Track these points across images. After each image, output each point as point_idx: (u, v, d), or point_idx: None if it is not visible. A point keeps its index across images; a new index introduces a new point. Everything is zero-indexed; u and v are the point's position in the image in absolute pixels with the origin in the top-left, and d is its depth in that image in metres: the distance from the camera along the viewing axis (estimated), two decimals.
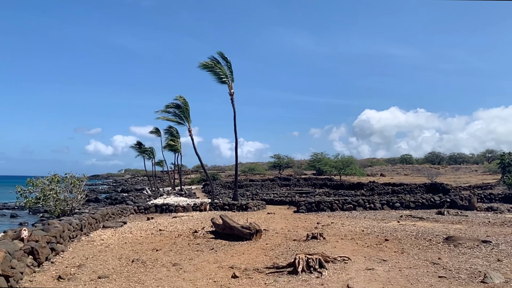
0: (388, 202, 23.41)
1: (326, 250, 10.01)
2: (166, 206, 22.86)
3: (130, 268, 8.68)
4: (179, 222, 16.87)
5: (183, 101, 30.14)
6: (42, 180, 17.20)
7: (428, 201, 23.49)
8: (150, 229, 14.89)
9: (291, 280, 7.37)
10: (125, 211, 20.85)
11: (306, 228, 14.77)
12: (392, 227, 14.54)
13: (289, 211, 22.88)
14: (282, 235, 13.04)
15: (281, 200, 28.91)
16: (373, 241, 11.59)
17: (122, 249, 11.16)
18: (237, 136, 27.37)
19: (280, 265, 8.38)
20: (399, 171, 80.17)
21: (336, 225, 15.61)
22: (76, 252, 10.49)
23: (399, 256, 9.42)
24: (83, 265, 8.89)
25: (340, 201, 22.98)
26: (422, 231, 13.20)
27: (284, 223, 16.78)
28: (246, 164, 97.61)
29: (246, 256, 9.83)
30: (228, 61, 26.68)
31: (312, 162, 77.37)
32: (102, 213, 16.90)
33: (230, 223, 12.86)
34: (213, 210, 22.62)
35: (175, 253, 10.50)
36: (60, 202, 17.17)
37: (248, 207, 22.98)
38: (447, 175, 65.25)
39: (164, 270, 8.51)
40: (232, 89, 26.89)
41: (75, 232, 12.36)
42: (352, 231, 13.68)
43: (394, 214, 19.91)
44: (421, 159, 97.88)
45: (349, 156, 66.43)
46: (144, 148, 57.10)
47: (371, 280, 7.26)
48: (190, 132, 29.71)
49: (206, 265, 8.92)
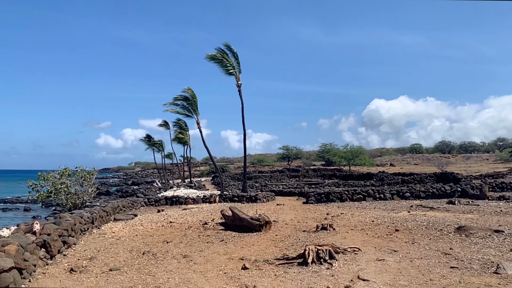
0: (398, 192, 23.24)
1: (336, 241, 9.98)
2: (176, 198, 22.99)
3: (141, 260, 8.75)
4: (189, 214, 16.95)
5: (191, 93, 30.10)
6: (53, 174, 17.36)
7: (439, 191, 23.27)
8: (160, 221, 14.98)
9: (301, 271, 7.36)
10: (136, 203, 21.01)
11: (315, 219, 14.74)
12: (403, 217, 14.44)
13: (298, 202, 22.87)
14: (292, 226, 13.04)
15: (290, 191, 28.90)
16: (384, 232, 11.52)
17: (133, 241, 11.25)
18: (245, 128, 27.31)
19: (290, 256, 8.37)
20: (409, 161, 79.69)
21: (346, 215, 15.56)
22: (87, 245, 10.60)
23: (410, 247, 9.35)
24: (95, 258, 8.98)
25: (349, 192, 22.87)
26: (433, 221, 13.08)
27: (294, 214, 16.77)
28: (254, 155, 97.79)
29: (256, 248, 9.84)
30: (235, 52, 26.53)
31: (321, 153, 77.20)
32: (113, 206, 17.05)
33: (239, 214, 12.88)
34: (222, 202, 22.69)
35: (186, 245, 10.55)
36: (71, 195, 17.33)
37: (257, 198, 23.01)
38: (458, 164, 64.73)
39: (175, 262, 8.56)
40: (239, 80, 26.76)
41: (86, 225, 12.48)
42: (362, 222, 13.62)
43: (404, 204, 19.77)
44: (431, 148, 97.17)
45: (359, 147, 66.01)
46: (153, 141, 57.38)
47: (382, 271, 7.21)
48: (198, 125, 29.72)
49: (216, 257, 8.96)
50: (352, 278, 6.80)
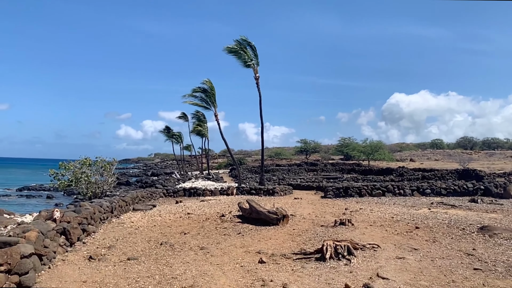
0: (418, 188, 22.82)
1: (354, 236, 9.82)
2: (194, 189, 23.12)
3: (159, 251, 8.79)
4: (207, 206, 17.01)
5: (210, 85, 30.16)
6: (73, 164, 17.67)
7: (461, 188, 22.75)
8: (178, 212, 15.08)
9: (319, 267, 7.26)
10: (155, 194, 21.22)
11: (333, 214, 14.58)
12: (423, 214, 14.15)
13: (316, 197, 22.70)
14: (309, 221, 12.92)
15: (308, 185, 28.72)
16: (403, 229, 11.29)
17: (151, 231, 11.33)
18: (263, 121, 27.27)
19: (307, 251, 8.27)
20: (429, 156, 78.09)
21: (364, 211, 15.35)
22: (106, 234, 10.73)
23: (430, 245, 9.12)
24: (113, 247, 9.08)
25: (368, 187, 22.56)
26: (454, 220, 12.76)
27: (311, 208, 16.63)
28: (272, 148, 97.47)
29: (273, 241, 9.78)
30: (253, 45, 26.41)
31: (340, 147, 76.39)
32: (132, 196, 17.25)
33: (256, 207, 12.83)
34: (239, 194, 22.72)
35: (203, 236, 10.57)
36: (92, 185, 17.62)
37: (274, 191, 22.94)
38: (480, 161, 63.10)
39: (192, 253, 8.57)
40: (257, 73, 26.64)
41: (105, 214, 12.65)
42: (381, 218, 13.39)
43: (424, 201, 19.40)
44: (452, 144, 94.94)
45: (378, 141, 64.92)
46: (172, 133, 57.93)
47: (402, 269, 7.04)
48: (216, 117, 29.80)
49: (233, 250, 8.93)
50: (371, 275, 6.66)
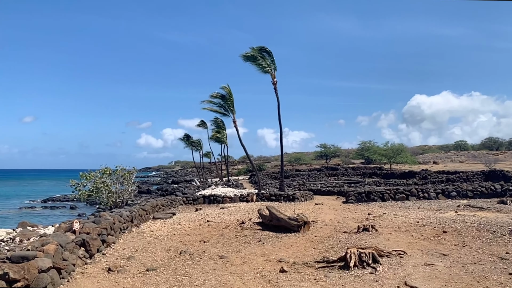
0: (443, 191, 22.12)
1: (379, 243, 9.47)
2: (213, 197, 23.02)
3: (178, 261, 8.65)
4: (227, 213, 16.85)
5: (228, 91, 30.19)
6: (94, 174, 17.80)
7: (488, 190, 21.97)
8: (198, 220, 14.96)
9: (343, 275, 6.97)
10: (174, 202, 21.22)
11: (356, 220, 14.20)
12: (450, 218, 13.62)
13: (337, 202, 22.27)
14: (331, 227, 12.59)
15: (329, 190, 28.27)
16: (430, 233, 10.85)
17: (171, 240, 11.23)
18: (282, 126, 27.11)
19: (330, 259, 7.99)
20: (453, 158, 76.20)
21: (388, 216, 14.90)
22: (126, 244, 10.67)
23: (460, 250, 8.70)
24: (133, 257, 8.99)
25: (391, 191, 22.00)
26: (484, 222, 12.20)
27: (333, 214, 16.27)
28: (291, 154, 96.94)
29: (294, 249, 9.52)
30: (269, 50, 26.32)
31: (360, 150, 75.47)
32: (152, 205, 17.26)
33: (277, 214, 12.59)
34: (259, 201, 22.49)
35: (222, 245, 10.39)
36: (112, 194, 17.70)
37: (295, 197, 22.63)
38: (507, 162, 61.20)
39: (211, 262, 8.40)
40: (275, 78, 26.51)
41: (125, 224, 12.63)
42: (406, 223, 12.95)
43: (450, 204, 18.76)
44: (477, 145, 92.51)
45: (400, 144, 63.86)
46: (192, 140, 58.30)
47: (431, 277, 6.68)
48: (235, 123, 29.76)
49: (253, 258, 8.72)
50: (398, 284, 6.34)
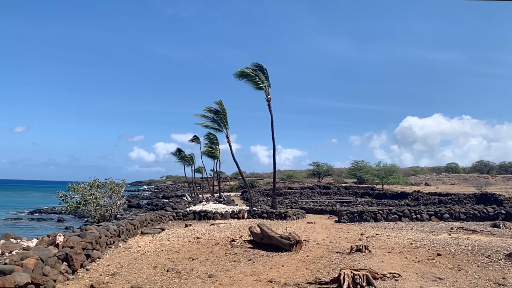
0: (436, 213, 21.98)
1: (372, 264, 9.22)
2: (204, 213, 22.61)
3: (164, 278, 8.31)
4: (217, 230, 16.50)
5: (221, 107, 30.03)
6: (82, 185, 17.41)
7: (481, 213, 21.87)
8: (187, 237, 14.60)
9: None
10: (164, 217, 20.78)
11: (349, 240, 13.95)
12: (444, 240, 13.44)
13: (330, 221, 21.99)
14: (324, 247, 12.32)
15: (321, 209, 27.99)
16: (424, 256, 10.64)
17: (158, 257, 10.88)
18: (275, 143, 26.86)
19: (322, 280, 7.71)
20: (444, 180, 76.39)
21: (381, 236, 14.67)
22: (112, 259, 10.30)
23: (456, 274, 8.48)
24: (117, 274, 8.63)
25: (384, 211, 21.81)
26: (478, 246, 12.03)
27: (326, 233, 16.00)
28: (284, 171, 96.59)
29: (285, 269, 9.22)
30: (264, 68, 26.23)
31: (353, 170, 75.46)
32: (140, 219, 16.84)
33: (268, 232, 12.30)
34: (251, 218, 22.14)
35: (212, 263, 10.07)
36: (100, 207, 17.30)
37: (287, 215, 22.32)
38: (498, 185, 61.48)
39: (199, 282, 8.07)
40: (269, 95, 26.38)
41: (112, 238, 12.24)
42: (400, 244, 12.73)
43: (443, 226, 18.59)
44: (468, 168, 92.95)
45: (392, 164, 63.92)
46: (184, 155, 57.85)
47: None
48: (228, 139, 29.51)
49: (243, 278, 8.40)
50: None
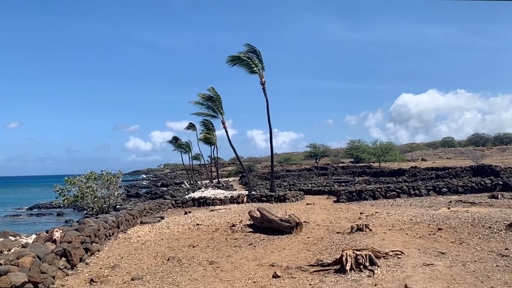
0: (434, 188, 22.03)
1: (374, 243, 9.17)
2: (203, 199, 22.54)
3: (165, 268, 8.23)
4: (217, 216, 16.44)
5: (214, 93, 29.69)
6: (79, 178, 17.21)
7: (478, 185, 21.94)
8: (187, 224, 14.53)
9: (339, 280, 6.62)
10: (163, 205, 20.69)
11: (349, 219, 13.92)
12: (443, 214, 13.42)
13: (329, 201, 22.01)
14: (324, 228, 12.27)
15: (320, 190, 28.02)
16: (425, 231, 10.60)
17: (159, 246, 10.80)
18: (271, 126, 26.58)
19: (325, 262, 7.64)
20: (441, 155, 76.82)
21: (381, 214, 14.65)
22: (111, 251, 10.20)
23: (458, 248, 8.44)
24: (118, 266, 8.53)
25: (382, 189, 21.83)
26: (478, 218, 11.99)
27: (325, 214, 15.97)
28: (281, 154, 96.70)
29: (287, 252, 9.17)
30: (257, 50, 25.74)
31: (349, 150, 75.68)
32: (139, 209, 16.75)
33: (268, 216, 12.23)
34: (250, 202, 22.11)
35: (212, 249, 10.00)
36: (98, 199, 17.15)
37: (286, 198, 22.30)
38: (493, 157, 61.95)
39: (201, 269, 8.00)
40: (263, 78, 25.98)
41: (111, 230, 12.14)
42: (400, 221, 12.70)
43: (442, 200, 18.63)
44: (463, 141, 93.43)
45: (388, 142, 64.12)
46: (180, 143, 57.56)
47: (432, 278, 6.36)
48: (224, 124, 29.26)
49: (245, 263, 8.34)
50: (398, 287, 6.01)
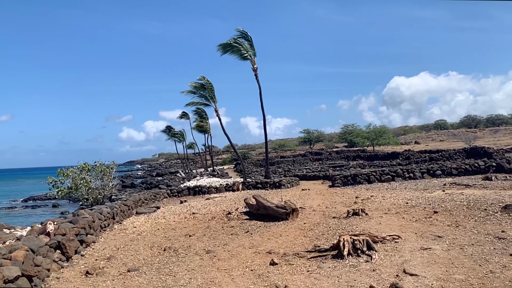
0: (429, 170, 22.11)
1: (370, 227, 9.16)
2: (198, 188, 22.53)
3: (162, 258, 8.17)
4: (212, 204, 16.40)
5: (206, 81, 29.41)
6: (72, 170, 17.06)
7: (472, 167, 22.07)
8: (183, 213, 14.47)
9: (337, 265, 6.59)
10: (158, 195, 20.62)
11: (344, 204, 13.92)
12: (438, 197, 13.45)
13: (324, 186, 22.04)
14: (320, 213, 12.26)
15: (315, 175, 28.06)
16: (421, 214, 10.62)
17: (155, 236, 10.74)
18: (265, 113, 26.48)
19: (322, 247, 7.60)
20: (434, 138, 77.17)
21: (376, 198, 14.68)
22: (107, 243, 10.12)
23: (454, 231, 8.44)
24: (113, 257, 8.45)
25: (377, 173, 21.86)
26: (473, 200, 12.02)
27: (321, 199, 15.97)
28: (275, 141, 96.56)
29: (283, 239, 9.14)
30: (248, 36, 25.38)
31: (343, 134, 75.86)
32: (134, 200, 16.65)
33: (264, 202, 12.19)
34: (245, 190, 22.10)
35: (209, 238, 9.95)
36: (92, 190, 17.03)
37: (281, 184, 22.30)
38: (486, 139, 62.31)
39: (197, 258, 7.94)
40: (255, 64, 25.72)
41: (106, 221, 12.04)
42: (395, 204, 12.72)
43: (436, 183, 18.71)
44: (456, 123, 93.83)
45: (382, 126, 64.26)
46: (174, 132, 57.32)
47: (430, 262, 6.35)
48: (217, 112, 29.08)
49: (242, 251, 8.29)
50: (397, 272, 5.99)
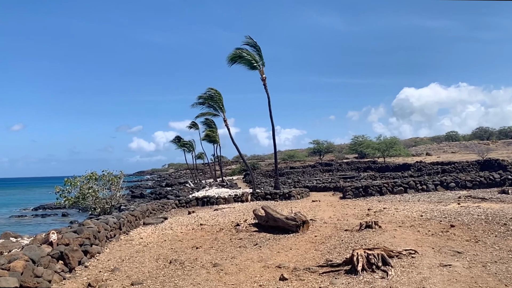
0: (442, 183, 21.61)
1: (384, 241, 8.77)
2: (207, 198, 22.22)
3: (167, 271, 7.87)
4: (221, 215, 16.08)
5: (214, 92, 29.39)
6: (79, 179, 16.91)
7: (487, 179, 21.52)
8: (191, 224, 14.18)
9: (351, 282, 6.23)
10: (166, 206, 20.38)
11: (356, 216, 13.52)
12: (454, 210, 12.99)
13: (334, 198, 21.61)
14: (332, 225, 11.87)
15: (325, 186, 27.64)
16: (437, 228, 10.19)
17: (161, 247, 10.45)
18: (274, 123, 26.26)
19: (334, 262, 7.24)
20: (445, 149, 76.12)
21: (389, 210, 14.24)
22: (112, 254, 9.86)
23: (474, 246, 8.01)
24: (118, 269, 8.18)
25: (389, 184, 21.42)
26: (491, 214, 11.55)
27: (332, 211, 15.57)
28: (285, 151, 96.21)
29: (294, 252, 8.78)
30: (257, 45, 25.24)
31: (353, 145, 75.27)
32: (142, 210, 16.42)
33: (273, 214, 11.85)
34: (254, 200, 21.74)
35: (216, 250, 9.64)
36: (99, 200, 16.85)
37: (291, 195, 21.92)
38: (499, 151, 61.22)
39: (204, 272, 7.63)
40: (263, 74, 25.53)
41: (113, 232, 11.81)
42: (410, 217, 12.28)
43: (450, 195, 18.19)
44: (468, 135, 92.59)
45: (392, 137, 63.70)
46: (183, 142, 57.41)
47: (451, 280, 5.95)
48: (225, 122, 28.97)
49: (250, 265, 7.96)
50: None
